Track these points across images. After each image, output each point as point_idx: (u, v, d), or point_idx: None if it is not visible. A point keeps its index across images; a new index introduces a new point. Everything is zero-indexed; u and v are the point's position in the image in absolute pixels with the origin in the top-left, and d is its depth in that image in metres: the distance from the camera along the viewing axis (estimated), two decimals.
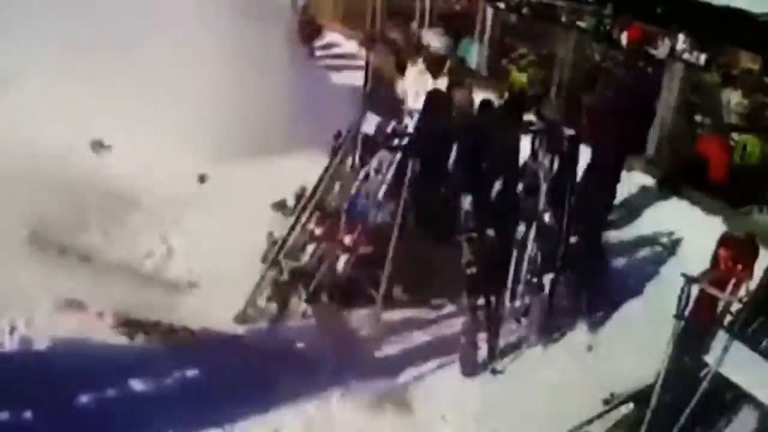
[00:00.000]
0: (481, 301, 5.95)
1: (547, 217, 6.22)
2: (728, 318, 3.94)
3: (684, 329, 3.86)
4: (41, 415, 4.56)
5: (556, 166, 6.24)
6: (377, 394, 5.34)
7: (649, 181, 9.54)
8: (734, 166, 9.32)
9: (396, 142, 6.21)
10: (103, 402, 4.79)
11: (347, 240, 6.18)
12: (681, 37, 16.09)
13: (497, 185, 6.15)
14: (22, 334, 5.30)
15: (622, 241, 8.13)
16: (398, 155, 6.07)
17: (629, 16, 19.92)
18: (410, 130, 6.51)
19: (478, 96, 7.33)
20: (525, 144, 6.36)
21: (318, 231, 6.32)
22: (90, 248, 6.63)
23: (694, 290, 3.90)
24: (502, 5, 16.42)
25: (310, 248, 6.35)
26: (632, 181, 9.22)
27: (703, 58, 17.35)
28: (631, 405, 4.93)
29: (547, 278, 6.29)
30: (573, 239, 6.63)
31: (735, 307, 3.93)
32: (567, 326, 6.52)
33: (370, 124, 6.28)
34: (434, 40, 7.34)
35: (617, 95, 8.93)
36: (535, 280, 6.27)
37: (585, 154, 6.88)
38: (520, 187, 6.23)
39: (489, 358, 6.02)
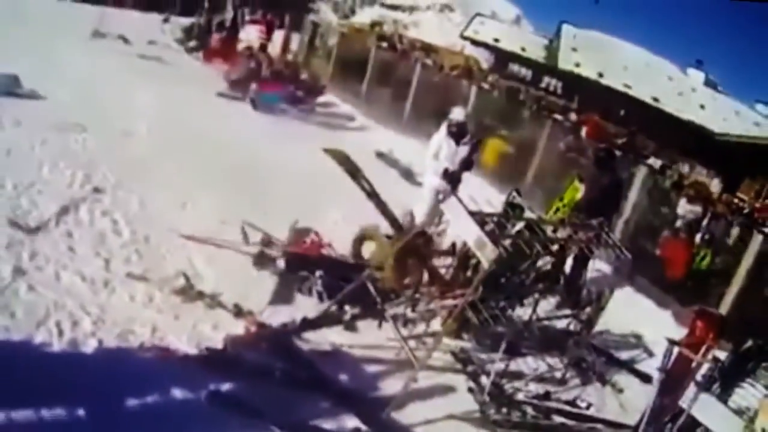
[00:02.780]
0: None
1: None
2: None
3: (665, 380, 4.81)
4: (85, 415, 4.74)
5: None
6: None
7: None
8: (692, 268, 10.09)
9: None
10: (145, 407, 5.01)
11: None
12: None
13: None
14: (69, 336, 5.51)
15: None
16: None
17: (591, 112, 21.16)
18: None
19: None
20: None
21: None
22: None
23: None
24: (486, 86, 17.38)
25: None
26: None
27: (658, 163, 18.45)
28: None
29: None
30: None
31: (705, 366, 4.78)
32: None
33: None
34: (459, 114, 9.17)
35: (592, 184, 9.68)
36: None
37: None
38: None
39: None
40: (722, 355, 5.13)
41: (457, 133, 9.05)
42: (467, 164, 9.16)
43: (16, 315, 5.53)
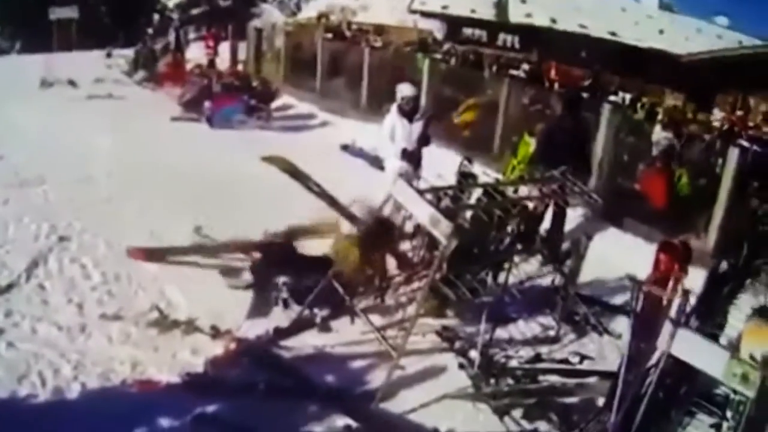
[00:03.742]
0: None
1: None
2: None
3: (636, 323, 4.70)
4: None
5: None
6: None
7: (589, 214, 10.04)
8: (674, 196, 9.95)
9: None
10: None
11: None
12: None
13: None
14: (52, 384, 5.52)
15: None
16: None
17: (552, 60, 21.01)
18: None
19: None
20: None
21: None
22: None
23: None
24: (438, 56, 17.19)
25: None
26: (575, 213, 9.72)
27: (628, 97, 18.32)
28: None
29: None
30: None
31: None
32: None
33: None
34: (406, 89, 8.96)
35: (552, 133, 9.51)
36: None
37: None
38: None
39: None
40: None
41: (410, 111, 8.85)
42: (425, 140, 8.96)
43: None
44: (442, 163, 9.59)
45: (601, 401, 5.51)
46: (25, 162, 11.19)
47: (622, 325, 7.29)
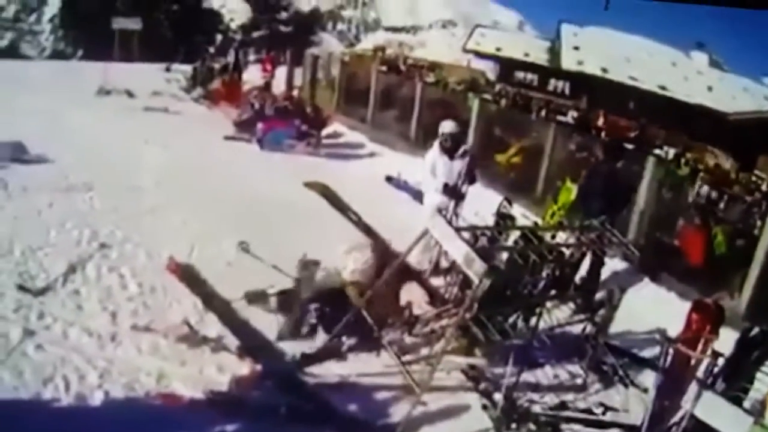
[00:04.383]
0: None
1: None
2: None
3: (664, 380, 4.67)
4: None
5: None
6: None
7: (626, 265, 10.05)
8: (711, 255, 9.90)
9: None
10: None
11: None
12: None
13: None
14: (76, 390, 5.60)
15: None
16: None
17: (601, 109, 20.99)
18: None
19: None
20: None
21: None
22: None
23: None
24: (488, 96, 17.29)
25: None
26: (611, 263, 9.66)
27: (672, 152, 18.23)
28: None
29: None
30: None
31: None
32: None
33: None
34: (448, 126, 9.05)
35: (592, 181, 9.52)
36: None
37: None
38: None
39: None
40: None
41: (451, 147, 8.91)
42: (471, 178, 8.99)
43: (25, 374, 5.62)
44: (481, 202, 9.69)
45: None
46: (75, 167, 11.41)
47: (649, 379, 7.19)
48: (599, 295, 7.75)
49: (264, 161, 14.90)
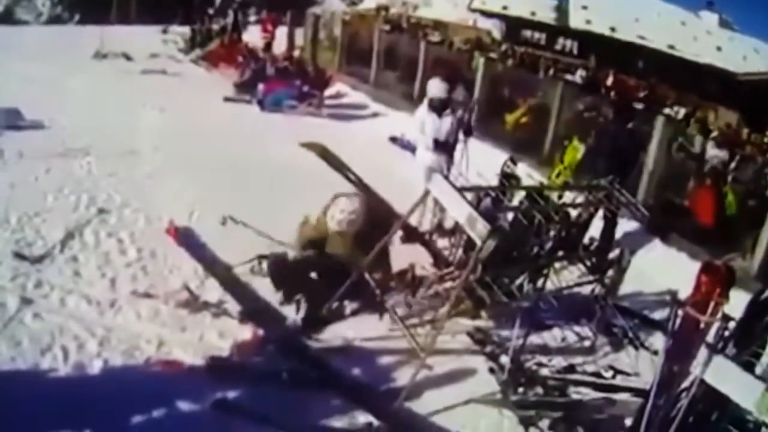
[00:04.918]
0: None
1: None
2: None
3: (671, 344, 4.51)
4: None
5: None
6: None
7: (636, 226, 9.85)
8: (722, 215, 9.73)
9: None
10: (151, 422, 4.95)
11: None
12: None
13: None
14: (75, 359, 5.49)
15: None
16: None
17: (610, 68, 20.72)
18: None
19: None
20: None
21: None
22: None
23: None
24: (494, 56, 17.05)
25: None
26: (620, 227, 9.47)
27: (682, 111, 17.99)
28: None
29: None
30: None
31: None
32: None
33: None
34: (434, 90, 8.99)
35: (601, 141, 9.39)
36: None
37: None
38: None
39: None
40: None
41: (439, 106, 8.92)
42: (465, 130, 9.11)
43: (22, 344, 5.52)
44: (487, 162, 9.50)
45: (629, 421, 5.37)
46: (71, 132, 11.36)
47: (659, 341, 7.08)
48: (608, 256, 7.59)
49: (265, 123, 14.71)
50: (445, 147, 8.91)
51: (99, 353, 5.58)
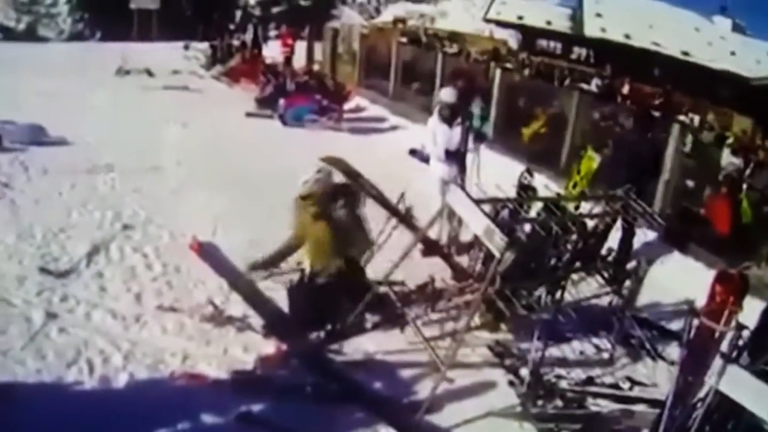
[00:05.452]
0: None
1: None
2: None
3: (688, 354, 4.58)
4: None
5: None
6: None
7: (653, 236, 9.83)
8: (738, 223, 9.71)
9: None
10: None
11: None
12: None
13: None
14: (100, 372, 5.61)
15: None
16: None
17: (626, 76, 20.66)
18: None
19: None
20: None
21: None
22: None
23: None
24: (510, 66, 17.06)
25: None
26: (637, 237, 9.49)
27: (696, 119, 17.93)
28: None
29: None
30: None
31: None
32: None
33: None
34: (444, 95, 9.20)
35: (619, 150, 9.50)
36: None
37: None
38: None
39: None
40: None
41: (449, 116, 9.00)
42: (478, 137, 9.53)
43: (48, 357, 5.67)
44: (504, 173, 9.58)
45: None
46: (95, 148, 11.61)
47: (677, 351, 7.13)
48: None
49: (286, 137, 14.86)
50: (456, 156, 9.00)
51: (124, 366, 5.72)
